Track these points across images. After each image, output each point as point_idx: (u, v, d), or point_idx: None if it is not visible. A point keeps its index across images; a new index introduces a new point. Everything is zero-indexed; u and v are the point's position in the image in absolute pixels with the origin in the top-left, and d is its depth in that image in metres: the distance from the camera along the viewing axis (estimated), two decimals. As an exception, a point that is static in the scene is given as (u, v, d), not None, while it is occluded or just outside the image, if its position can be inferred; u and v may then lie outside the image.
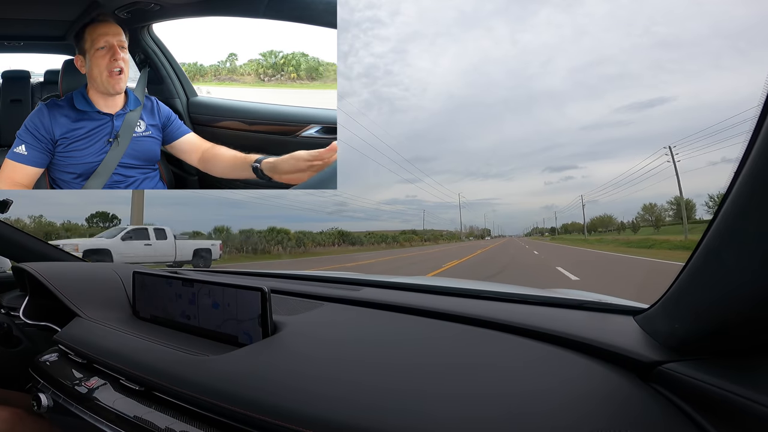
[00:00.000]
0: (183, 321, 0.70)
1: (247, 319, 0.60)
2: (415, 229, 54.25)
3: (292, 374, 0.48)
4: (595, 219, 77.23)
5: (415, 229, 54.25)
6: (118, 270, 0.96)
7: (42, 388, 0.72)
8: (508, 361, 0.49)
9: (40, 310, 0.90)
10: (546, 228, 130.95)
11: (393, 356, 0.52)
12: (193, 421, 0.50)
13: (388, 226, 57.37)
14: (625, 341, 0.49)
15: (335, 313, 0.74)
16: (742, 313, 0.34)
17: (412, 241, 39.78)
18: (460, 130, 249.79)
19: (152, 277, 0.78)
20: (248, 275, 1.22)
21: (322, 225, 47.85)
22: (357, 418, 0.39)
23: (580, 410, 0.38)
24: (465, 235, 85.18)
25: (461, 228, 74.93)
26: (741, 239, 0.33)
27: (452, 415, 0.38)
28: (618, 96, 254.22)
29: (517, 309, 0.69)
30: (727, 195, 0.33)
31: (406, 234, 43.68)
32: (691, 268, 0.40)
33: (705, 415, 0.36)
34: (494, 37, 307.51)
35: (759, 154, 0.29)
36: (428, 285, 0.91)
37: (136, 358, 0.60)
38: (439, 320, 0.65)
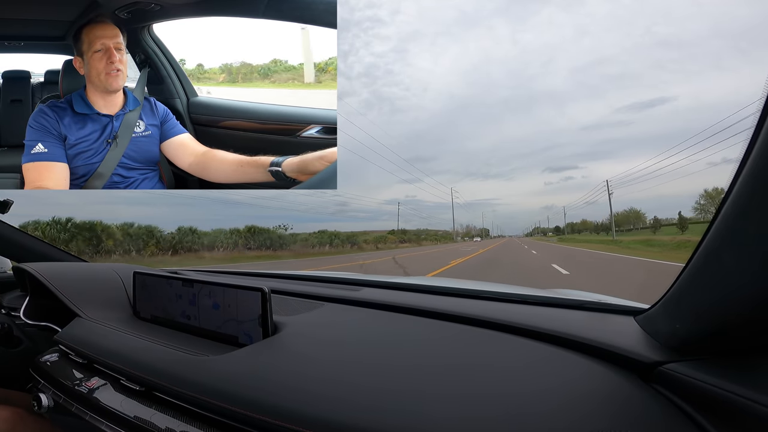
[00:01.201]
0: (183, 321, 0.70)
1: (248, 319, 0.61)
2: (417, 228, 51.63)
3: (292, 374, 0.48)
4: (619, 215, 62.99)
5: (417, 228, 51.63)
6: (118, 270, 0.96)
7: (42, 388, 0.72)
8: (508, 361, 0.49)
9: (40, 310, 0.91)
10: (549, 228, 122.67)
11: (393, 356, 0.52)
12: (194, 422, 0.50)
13: (388, 225, 56.35)
14: (626, 341, 0.49)
15: (335, 313, 0.74)
16: (743, 314, 0.34)
17: (385, 242, 31.22)
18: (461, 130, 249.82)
19: (153, 277, 0.78)
20: (248, 275, 1.22)
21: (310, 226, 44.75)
22: (357, 418, 0.39)
23: (580, 410, 0.38)
24: (461, 235, 78.32)
25: (454, 227, 67.06)
26: (741, 240, 0.33)
27: (452, 416, 0.38)
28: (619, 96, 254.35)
29: (517, 309, 0.69)
30: (728, 195, 0.33)
31: (380, 234, 36.15)
32: (691, 268, 0.40)
33: (705, 415, 0.36)
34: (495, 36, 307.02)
35: (759, 154, 0.29)
36: (428, 285, 0.91)
37: (136, 358, 0.60)
38: (439, 320, 0.65)
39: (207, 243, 15.65)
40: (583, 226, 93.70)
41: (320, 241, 21.74)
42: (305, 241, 20.91)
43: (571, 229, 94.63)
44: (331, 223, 68.80)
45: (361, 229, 40.07)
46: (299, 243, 20.05)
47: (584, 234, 77.88)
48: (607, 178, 40.92)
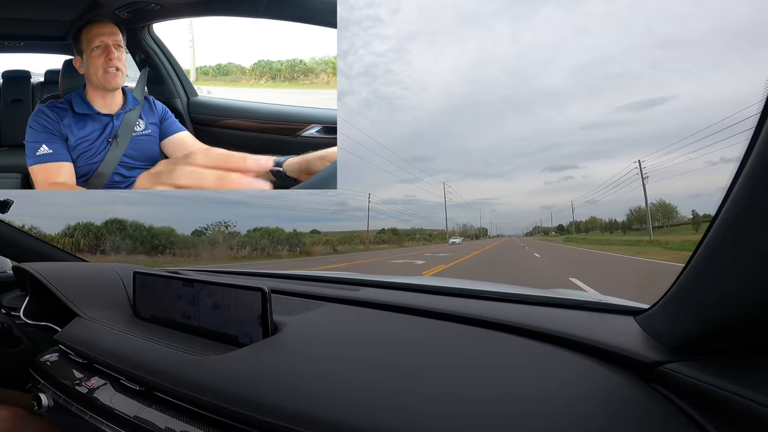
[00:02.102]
0: (183, 321, 0.70)
1: (248, 319, 0.60)
2: (412, 228, 49.54)
3: (292, 374, 0.48)
4: (641, 210, 45.43)
5: (412, 228, 49.54)
6: (118, 270, 0.96)
7: (42, 388, 0.72)
8: (508, 361, 0.49)
9: (40, 310, 0.90)
10: (551, 227, 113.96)
11: (393, 356, 0.52)
12: (194, 421, 0.50)
13: (388, 225, 55.53)
14: (626, 341, 0.49)
15: (335, 313, 0.74)
16: (743, 314, 0.34)
17: (351, 243, 26.96)
18: (460, 130, 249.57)
19: (153, 277, 0.78)
20: (248, 275, 1.22)
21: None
22: (357, 418, 0.39)
23: (580, 410, 0.38)
24: (458, 234, 69.28)
25: (446, 227, 59.33)
26: (741, 240, 0.33)
27: (452, 416, 0.38)
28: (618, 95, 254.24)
29: (517, 309, 0.69)
30: (728, 195, 0.33)
31: (348, 234, 31.24)
32: (691, 268, 0.40)
33: (706, 415, 0.36)
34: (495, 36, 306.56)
35: (759, 154, 0.29)
36: (428, 285, 0.91)
37: (136, 358, 0.60)
38: (439, 320, 0.65)
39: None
40: (591, 225, 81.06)
41: (250, 242, 17.60)
42: (221, 243, 16.76)
43: (576, 228, 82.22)
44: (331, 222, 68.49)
45: (362, 228, 38.31)
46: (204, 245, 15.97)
47: (594, 233, 66.77)
48: (639, 159, 29.67)
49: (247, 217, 32.67)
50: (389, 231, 39.17)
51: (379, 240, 34.24)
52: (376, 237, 34.93)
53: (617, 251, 13.69)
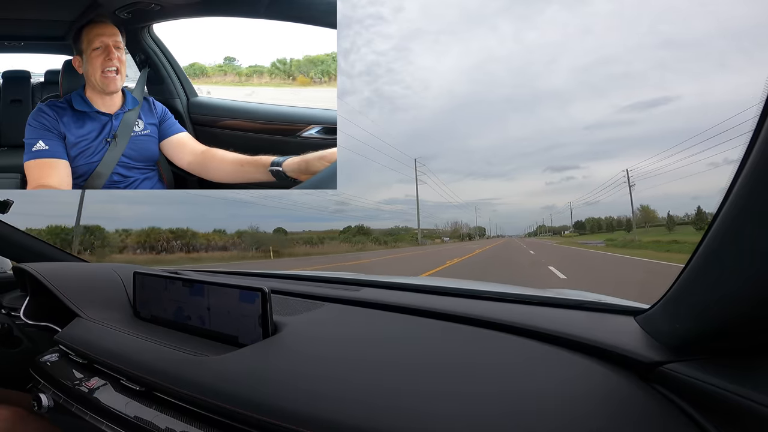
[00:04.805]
0: (183, 321, 0.70)
1: (248, 319, 0.60)
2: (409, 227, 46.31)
3: (292, 374, 0.48)
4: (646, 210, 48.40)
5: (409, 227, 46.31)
6: (118, 270, 0.96)
7: (42, 388, 0.72)
8: (507, 360, 0.50)
9: (40, 310, 0.91)
10: (557, 226, 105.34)
11: (393, 356, 0.52)
12: (194, 422, 0.50)
13: (388, 224, 54.79)
14: (626, 341, 0.49)
15: (335, 313, 0.74)
16: (743, 314, 0.34)
17: (322, 243, 24.38)
18: (462, 129, 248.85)
19: (153, 277, 0.78)
20: (248, 275, 1.22)
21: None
22: (357, 418, 0.39)
23: (579, 410, 0.38)
24: (449, 234, 64.76)
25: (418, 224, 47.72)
26: (741, 240, 0.33)
27: (451, 415, 0.38)
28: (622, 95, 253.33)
29: (516, 309, 0.69)
30: (728, 195, 0.33)
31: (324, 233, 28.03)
32: (691, 268, 0.40)
33: (706, 415, 0.36)
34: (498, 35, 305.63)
35: (759, 154, 0.29)
36: (428, 285, 0.91)
37: (136, 358, 0.60)
38: (439, 320, 0.65)
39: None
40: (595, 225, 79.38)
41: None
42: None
43: (583, 227, 79.46)
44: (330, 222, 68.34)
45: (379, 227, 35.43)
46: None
47: (604, 232, 64.87)
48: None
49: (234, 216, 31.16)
50: (354, 228, 32.77)
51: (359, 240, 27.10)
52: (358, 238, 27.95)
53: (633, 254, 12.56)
